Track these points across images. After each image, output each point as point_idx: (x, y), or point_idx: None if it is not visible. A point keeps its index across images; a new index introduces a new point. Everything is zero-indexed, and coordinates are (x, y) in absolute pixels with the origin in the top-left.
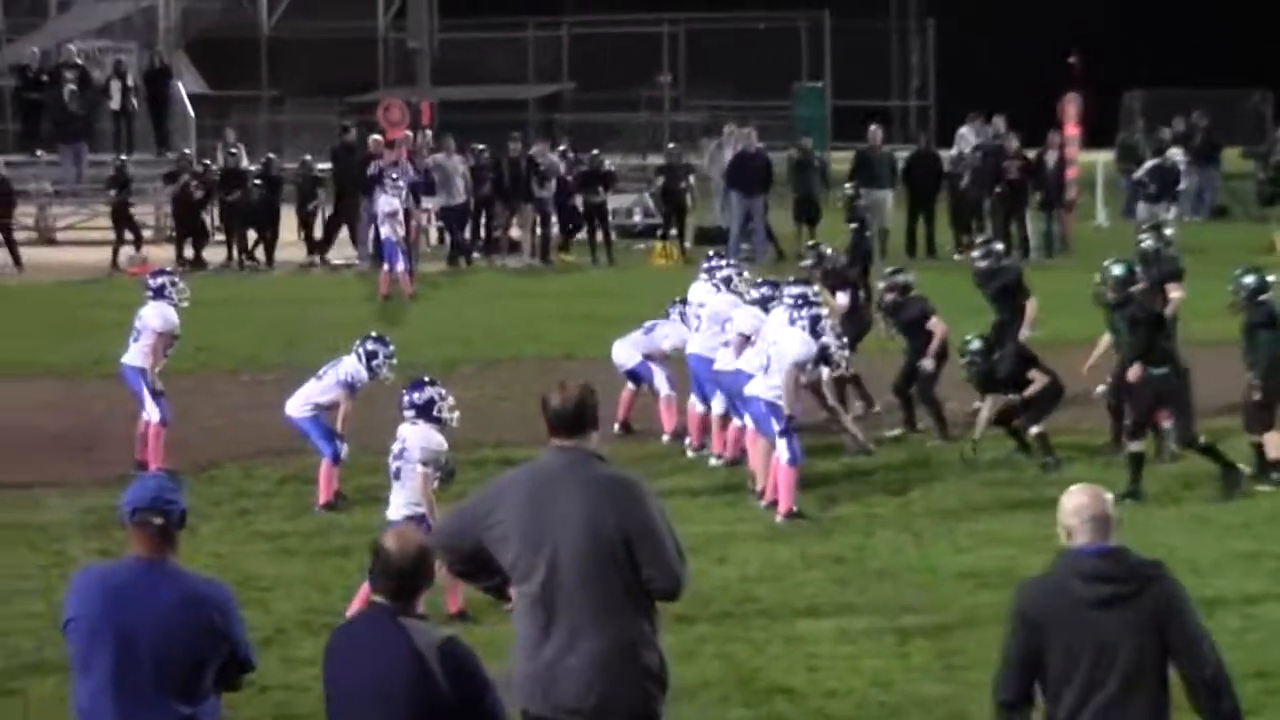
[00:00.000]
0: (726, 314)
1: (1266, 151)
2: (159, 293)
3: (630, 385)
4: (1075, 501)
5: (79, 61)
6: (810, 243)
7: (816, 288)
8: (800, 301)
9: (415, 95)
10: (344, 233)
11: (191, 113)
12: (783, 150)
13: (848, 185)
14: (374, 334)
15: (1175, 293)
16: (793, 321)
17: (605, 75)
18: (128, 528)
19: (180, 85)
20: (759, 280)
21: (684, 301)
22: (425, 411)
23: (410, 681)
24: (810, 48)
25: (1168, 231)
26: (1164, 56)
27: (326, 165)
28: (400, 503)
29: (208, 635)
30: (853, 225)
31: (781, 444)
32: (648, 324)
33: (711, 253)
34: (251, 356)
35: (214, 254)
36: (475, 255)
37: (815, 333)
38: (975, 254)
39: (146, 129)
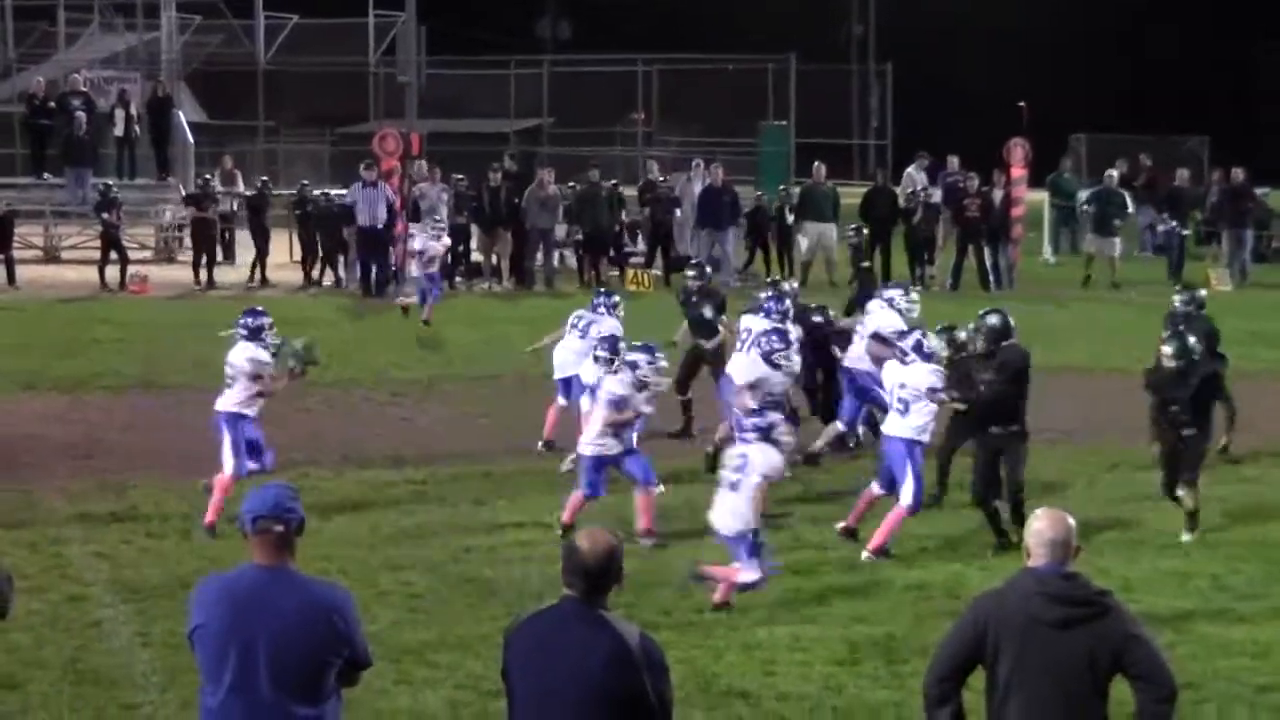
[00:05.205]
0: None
1: (1203, 193)
2: (254, 334)
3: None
4: (1037, 525)
5: (85, 90)
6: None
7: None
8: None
9: (404, 127)
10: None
11: (191, 140)
12: (749, 185)
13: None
14: None
15: None
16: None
17: (583, 111)
18: (248, 536)
19: (181, 114)
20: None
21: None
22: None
23: (623, 674)
24: (776, 89)
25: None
26: (1108, 104)
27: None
28: None
29: (329, 639)
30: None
31: (908, 488)
32: (577, 332)
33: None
34: None
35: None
36: (458, 280)
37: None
38: (689, 273)
39: (148, 155)
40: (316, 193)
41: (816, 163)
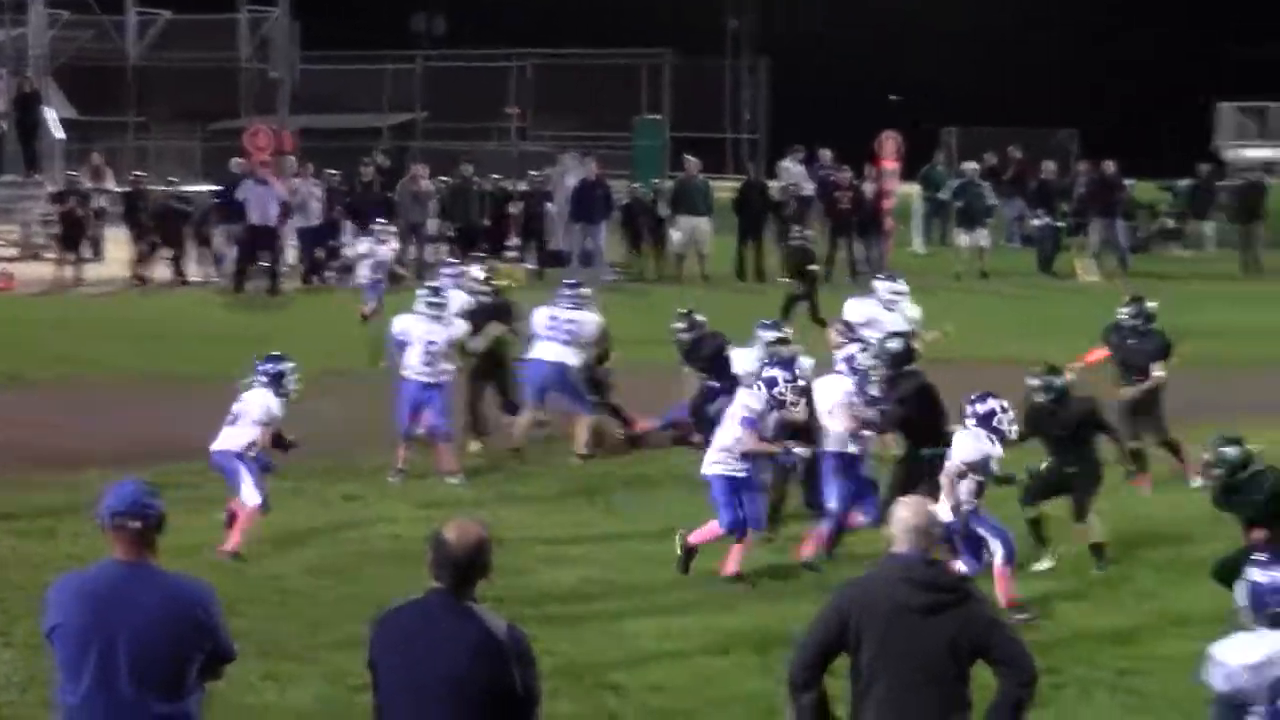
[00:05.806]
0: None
1: (1069, 184)
2: (274, 381)
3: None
4: (901, 512)
5: None
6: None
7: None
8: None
9: (276, 123)
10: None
11: (60, 136)
12: (623, 179)
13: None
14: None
15: None
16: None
17: (457, 106)
18: (106, 531)
19: (49, 110)
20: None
21: None
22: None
23: (491, 665)
24: (650, 84)
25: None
26: (982, 97)
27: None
28: None
29: (193, 634)
30: None
31: (832, 498)
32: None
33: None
34: (124, 367)
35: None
36: (329, 274)
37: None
38: (679, 325)
39: (16, 151)
40: (159, 189)
41: (689, 157)
